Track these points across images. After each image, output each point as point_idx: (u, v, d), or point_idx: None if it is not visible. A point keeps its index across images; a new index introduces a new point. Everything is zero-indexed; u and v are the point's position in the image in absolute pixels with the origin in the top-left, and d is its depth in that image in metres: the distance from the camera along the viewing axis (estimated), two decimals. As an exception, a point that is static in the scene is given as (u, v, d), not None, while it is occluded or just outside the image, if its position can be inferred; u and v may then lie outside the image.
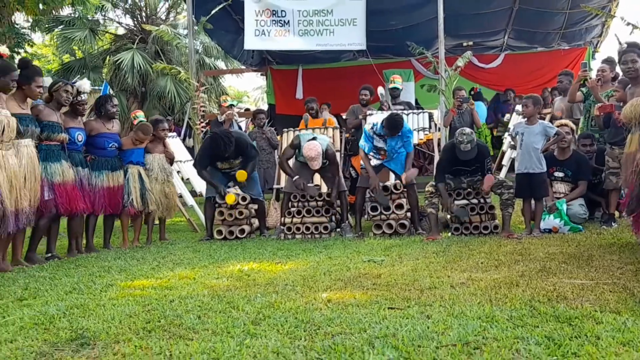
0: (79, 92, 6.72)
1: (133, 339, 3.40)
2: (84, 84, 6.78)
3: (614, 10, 13.80)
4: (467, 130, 6.76)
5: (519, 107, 9.39)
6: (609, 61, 7.81)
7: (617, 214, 7.19)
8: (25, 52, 17.61)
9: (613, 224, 6.93)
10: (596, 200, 7.43)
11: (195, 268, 5.58)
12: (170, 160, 7.81)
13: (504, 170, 8.89)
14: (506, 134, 9.99)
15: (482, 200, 6.89)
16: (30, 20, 17.88)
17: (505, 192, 6.82)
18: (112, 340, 3.40)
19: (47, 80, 6.65)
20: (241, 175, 7.49)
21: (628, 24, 8.79)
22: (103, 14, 22.10)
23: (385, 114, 7.98)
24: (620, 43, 6.08)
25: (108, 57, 20.54)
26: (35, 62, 13.68)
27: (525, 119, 7.08)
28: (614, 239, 6.16)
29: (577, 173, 7.17)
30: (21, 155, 5.58)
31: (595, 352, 2.98)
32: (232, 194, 7.39)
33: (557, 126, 7.09)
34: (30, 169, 5.66)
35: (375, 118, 7.71)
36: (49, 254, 6.48)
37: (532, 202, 6.88)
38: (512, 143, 8.10)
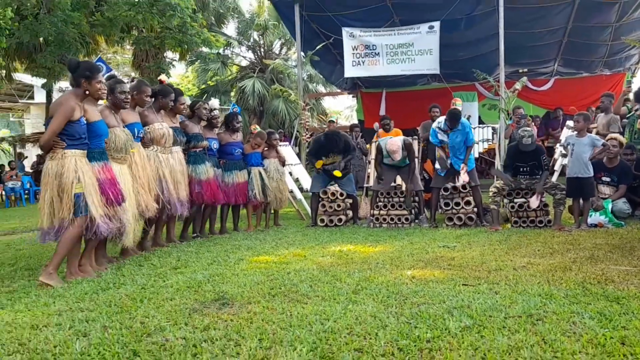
0: (211, 109, 6.98)
1: (261, 301, 3.48)
2: (214, 103, 7.06)
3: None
4: (529, 128, 6.70)
5: (570, 122, 9.02)
6: None
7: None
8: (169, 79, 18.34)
9: (653, 220, 6.60)
10: (636, 201, 7.07)
11: (305, 248, 5.65)
12: (283, 163, 7.94)
13: (556, 175, 8.53)
14: (557, 145, 9.61)
15: (542, 200, 6.67)
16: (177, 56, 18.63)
17: (558, 192, 6.60)
18: (246, 301, 3.49)
19: (187, 100, 6.91)
20: (337, 173, 7.55)
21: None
22: (231, 50, 22.74)
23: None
24: None
25: (235, 84, 21.10)
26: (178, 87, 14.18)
27: (576, 132, 6.82)
28: (654, 233, 5.84)
29: (621, 178, 6.87)
30: (176, 158, 5.83)
31: (641, 327, 2.84)
32: (319, 161, 7.61)
33: (608, 140, 6.82)
34: (181, 169, 5.90)
35: (441, 118, 7.56)
36: (195, 234, 6.72)
37: (581, 201, 6.63)
38: (564, 152, 7.78)
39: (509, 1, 10.20)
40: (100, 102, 4.70)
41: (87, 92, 4.35)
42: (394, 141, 7.17)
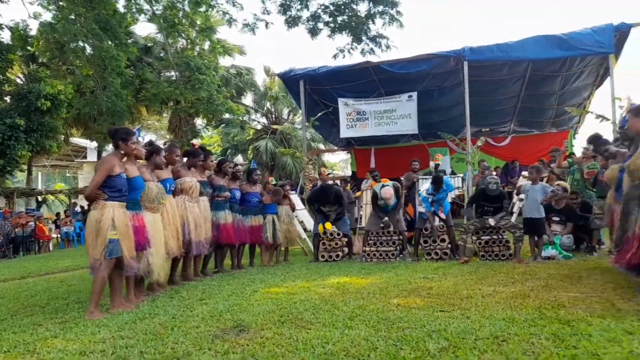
0: (235, 165, 7.04)
1: (272, 327, 3.44)
2: (239, 159, 7.12)
3: (588, 106, 13.29)
4: (495, 176, 6.76)
5: (525, 172, 9.07)
6: (589, 143, 7.54)
7: (597, 246, 6.81)
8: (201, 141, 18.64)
9: (594, 253, 6.56)
10: (582, 237, 7.02)
11: (308, 280, 5.57)
12: (293, 208, 7.94)
13: (515, 216, 8.49)
14: (515, 191, 9.64)
15: (501, 236, 6.63)
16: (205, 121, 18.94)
17: (517, 231, 6.56)
18: (259, 328, 3.44)
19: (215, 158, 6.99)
20: (328, 225, 7.47)
21: (597, 116, 8.51)
22: (249, 116, 23.11)
23: (429, 180, 7.87)
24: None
25: (252, 143, 21.32)
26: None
27: (530, 181, 6.85)
28: (596, 264, 5.79)
29: (568, 217, 6.85)
30: (201, 206, 5.85)
31: (589, 346, 2.80)
32: (328, 224, 7.44)
33: (555, 185, 6.84)
34: (206, 215, 5.91)
35: (426, 184, 7.58)
36: (216, 270, 6.67)
37: (536, 237, 6.59)
38: (521, 197, 7.79)
39: (473, 75, 10.40)
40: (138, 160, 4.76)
41: (122, 152, 4.41)
42: (387, 189, 7.15)
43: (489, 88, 11.86)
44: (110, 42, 12.40)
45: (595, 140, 6.40)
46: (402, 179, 9.77)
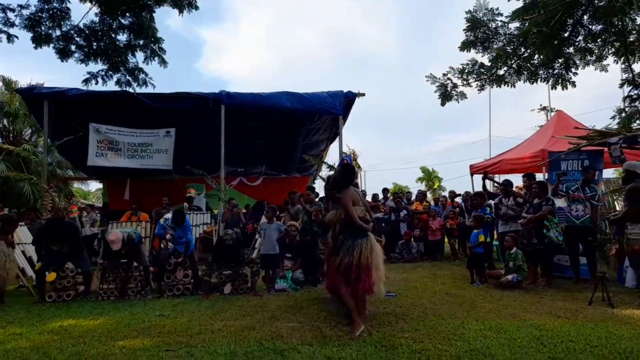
0: None
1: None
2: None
3: (325, 157, 15.14)
4: (230, 231, 7.00)
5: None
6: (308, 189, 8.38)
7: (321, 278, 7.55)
8: None
9: (318, 285, 7.16)
10: (310, 270, 7.70)
11: (24, 325, 4.75)
12: (12, 245, 6.65)
13: (255, 252, 8.89)
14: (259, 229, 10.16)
15: (241, 270, 6.81)
16: None
17: (254, 265, 6.85)
18: None
19: None
20: (51, 276, 6.51)
21: (328, 166, 9.75)
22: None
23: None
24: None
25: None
26: None
27: (267, 220, 7.29)
28: (317, 295, 6.37)
29: (297, 255, 7.44)
30: None
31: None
32: (53, 274, 6.49)
33: (289, 225, 7.39)
34: None
35: (168, 215, 7.40)
36: None
37: (270, 272, 7.00)
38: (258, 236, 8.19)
39: (230, 118, 10.76)
40: None
41: None
42: (115, 232, 6.68)
43: (243, 132, 12.41)
44: None
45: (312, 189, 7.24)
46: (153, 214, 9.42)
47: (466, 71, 8.02)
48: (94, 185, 30.45)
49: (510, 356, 3.38)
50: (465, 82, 8.07)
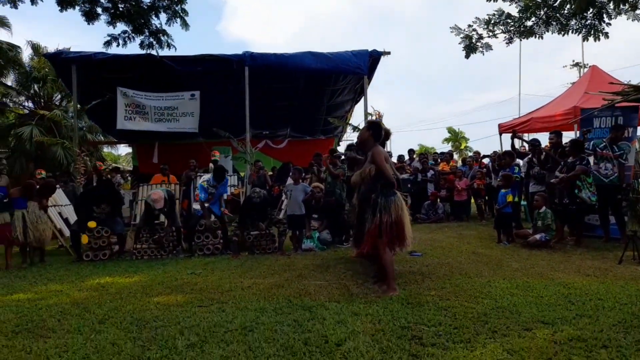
0: None
1: (2, 340, 2.95)
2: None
3: (350, 118, 14.98)
4: (257, 189, 6.99)
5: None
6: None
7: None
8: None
9: (345, 244, 7.25)
10: (339, 232, 7.73)
11: (63, 283, 4.98)
12: (44, 208, 6.86)
13: (282, 213, 8.96)
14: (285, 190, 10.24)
15: (267, 231, 6.92)
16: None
17: (281, 226, 6.94)
18: (-14, 342, 2.92)
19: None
20: (92, 224, 6.76)
21: (353, 128, 9.63)
22: (9, 98, 19.56)
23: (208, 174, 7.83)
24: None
25: (12, 129, 18.04)
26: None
27: (293, 181, 7.33)
28: (344, 254, 6.44)
29: (322, 215, 7.46)
30: None
31: (321, 329, 3.10)
32: (85, 236, 6.73)
33: (313, 187, 7.39)
34: None
35: (207, 176, 7.50)
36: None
37: (297, 232, 7.10)
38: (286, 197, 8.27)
39: (253, 80, 10.69)
40: None
41: None
42: (157, 192, 6.84)
43: (267, 94, 12.34)
44: None
45: (350, 147, 7.22)
46: (183, 175, 9.57)
47: (492, 22, 7.68)
48: (123, 150, 31.14)
49: (538, 313, 3.37)
50: (491, 33, 7.75)
